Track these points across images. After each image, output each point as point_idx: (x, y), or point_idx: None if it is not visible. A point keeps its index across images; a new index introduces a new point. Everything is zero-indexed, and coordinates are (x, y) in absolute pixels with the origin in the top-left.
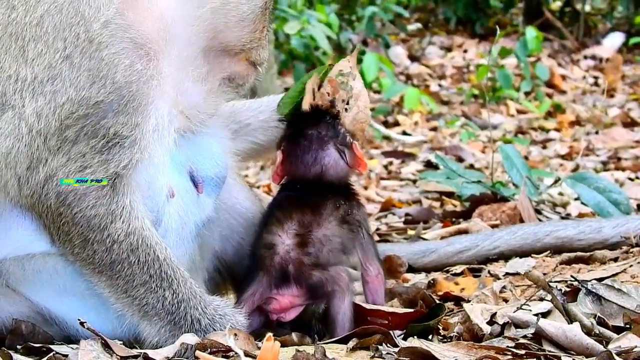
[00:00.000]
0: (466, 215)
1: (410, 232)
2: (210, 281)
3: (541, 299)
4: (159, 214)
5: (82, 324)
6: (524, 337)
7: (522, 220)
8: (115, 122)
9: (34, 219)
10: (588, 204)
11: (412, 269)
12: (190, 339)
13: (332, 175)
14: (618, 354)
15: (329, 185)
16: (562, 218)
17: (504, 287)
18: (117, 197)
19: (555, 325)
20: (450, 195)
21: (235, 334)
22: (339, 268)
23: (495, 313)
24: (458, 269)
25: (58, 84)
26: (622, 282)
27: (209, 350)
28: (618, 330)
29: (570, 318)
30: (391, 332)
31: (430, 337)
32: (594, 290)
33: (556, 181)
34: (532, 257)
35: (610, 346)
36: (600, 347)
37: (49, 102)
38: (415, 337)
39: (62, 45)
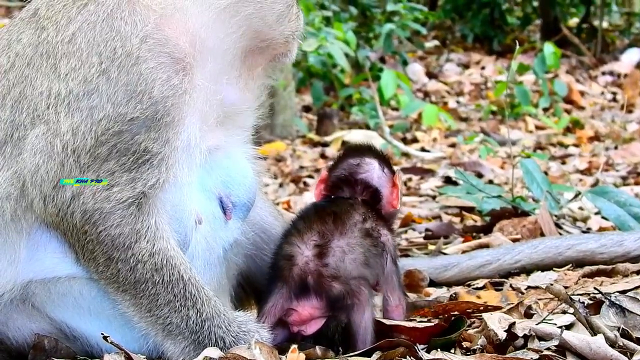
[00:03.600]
0: (487, 230)
1: (431, 247)
2: (234, 297)
3: (564, 312)
4: (186, 238)
5: (105, 338)
6: (548, 349)
7: (542, 234)
8: (147, 137)
9: (59, 238)
10: (609, 218)
11: (433, 283)
12: (214, 353)
13: (365, 179)
14: None
15: (366, 198)
16: (583, 232)
17: (526, 300)
18: (143, 217)
19: (579, 337)
20: (470, 210)
21: (259, 348)
22: (360, 281)
23: (514, 323)
24: (480, 283)
25: (95, 99)
26: None
27: None
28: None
29: (594, 330)
30: (415, 345)
31: (452, 350)
32: (617, 302)
33: (576, 195)
34: (554, 270)
35: (635, 358)
36: (624, 359)
37: (85, 118)
38: (438, 349)
39: (98, 60)
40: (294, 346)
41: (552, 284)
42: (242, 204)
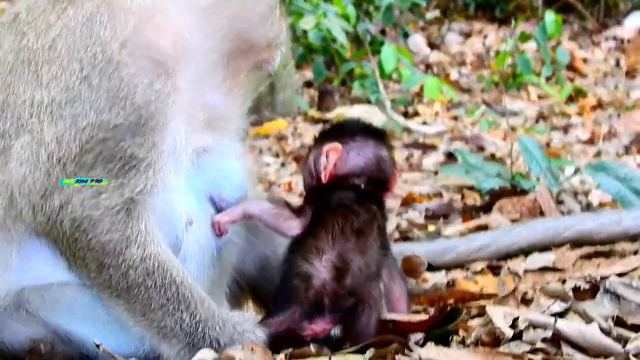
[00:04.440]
0: (486, 209)
1: (431, 228)
2: (229, 294)
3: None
4: (177, 241)
5: (97, 346)
6: (544, 339)
7: (542, 213)
8: (132, 143)
9: (50, 246)
10: (609, 193)
11: (431, 267)
12: (208, 355)
13: (379, 176)
14: (635, 355)
15: (372, 191)
16: (584, 208)
17: (523, 285)
18: (132, 222)
19: (573, 327)
20: (471, 188)
21: (252, 349)
22: (371, 287)
23: (518, 317)
24: (478, 266)
25: (78, 106)
26: None
27: None
28: (637, 328)
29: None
30: (410, 340)
31: (450, 339)
32: (611, 290)
33: (576, 171)
34: (552, 250)
35: (629, 346)
36: (618, 347)
37: (69, 126)
38: (433, 342)
39: (79, 66)
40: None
41: (548, 283)
42: (233, 203)
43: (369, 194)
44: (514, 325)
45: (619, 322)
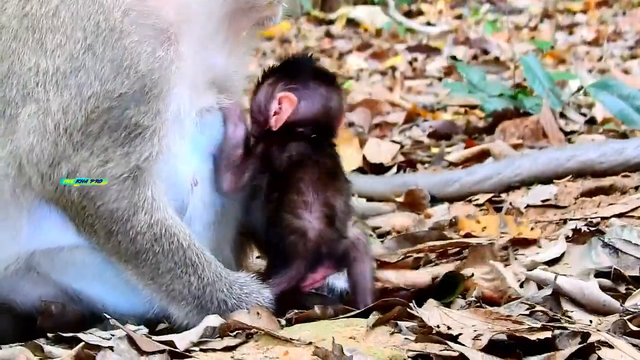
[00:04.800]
0: (489, 130)
1: (434, 150)
2: (234, 245)
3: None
4: (183, 204)
5: (107, 318)
6: (544, 298)
7: (545, 135)
8: (137, 111)
9: (59, 212)
10: (611, 112)
11: (434, 199)
12: (214, 320)
13: (333, 117)
14: (633, 312)
15: (328, 132)
16: (587, 122)
17: (524, 223)
18: (139, 189)
19: (572, 283)
20: (474, 107)
21: (258, 313)
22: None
23: (527, 279)
24: (480, 199)
25: (82, 76)
26: None
27: (234, 330)
28: (635, 281)
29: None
30: (412, 303)
31: (451, 299)
32: (611, 244)
33: (579, 89)
34: (554, 182)
35: (628, 303)
36: (617, 304)
37: (75, 96)
38: (435, 304)
39: (82, 35)
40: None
41: (550, 222)
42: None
43: (324, 137)
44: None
45: (617, 275)
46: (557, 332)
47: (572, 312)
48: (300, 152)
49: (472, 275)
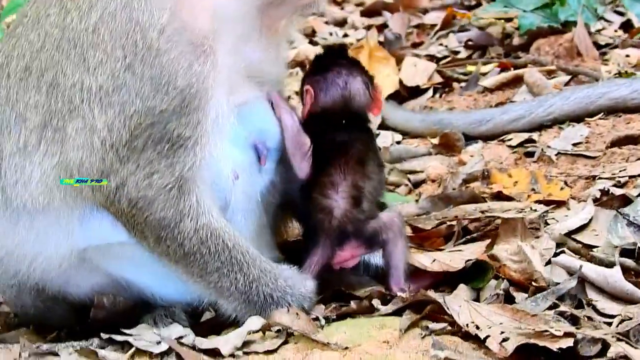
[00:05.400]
0: (525, 47)
1: (470, 68)
2: (273, 228)
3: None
4: (226, 200)
5: (159, 341)
6: (569, 293)
7: (579, 54)
8: (178, 124)
9: (111, 217)
10: None
11: (468, 137)
12: (257, 322)
13: (357, 104)
14: None
15: (354, 120)
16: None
17: (554, 181)
18: (184, 197)
19: (597, 271)
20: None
21: (297, 314)
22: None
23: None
24: (513, 139)
25: (124, 94)
26: None
27: (274, 330)
28: None
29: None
30: (443, 299)
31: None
32: (635, 222)
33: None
34: (585, 122)
35: None
36: (639, 293)
37: (118, 114)
38: (466, 302)
39: (122, 53)
40: None
41: (580, 177)
42: (276, 147)
43: (353, 123)
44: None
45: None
46: (579, 336)
47: (596, 301)
48: (331, 139)
49: (501, 263)
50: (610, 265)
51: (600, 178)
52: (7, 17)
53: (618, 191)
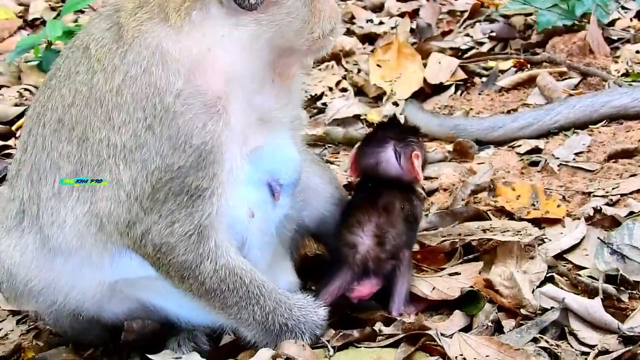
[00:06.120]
0: (542, 44)
1: (491, 63)
2: (291, 248)
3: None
4: (243, 238)
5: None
6: (553, 323)
7: (592, 52)
8: (196, 177)
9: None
10: None
11: (482, 143)
12: (267, 353)
13: (384, 172)
14: (627, 338)
15: (389, 182)
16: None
17: (553, 196)
18: (203, 242)
19: (578, 302)
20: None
21: (303, 346)
22: (403, 251)
23: (540, 284)
24: (522, 146)
25: (146, 152)
26: None
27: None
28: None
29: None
30: (436, 331)
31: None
32: (618, 250)
33: None
34: (588, 130)
35: (624, 326)
36: (616, 325)
37: (141, 170)
38: (458, 334)
39: (142, 115)
40: None
41: (577, 191)
42: (289, 183)
43: (388, 184)
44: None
45: (622, 280)
46: None
47: (578, 330)
48: (366, 193)
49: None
50: (594, 291)
51: (595, 195)
52: (66, 14)
53: (609, 210)
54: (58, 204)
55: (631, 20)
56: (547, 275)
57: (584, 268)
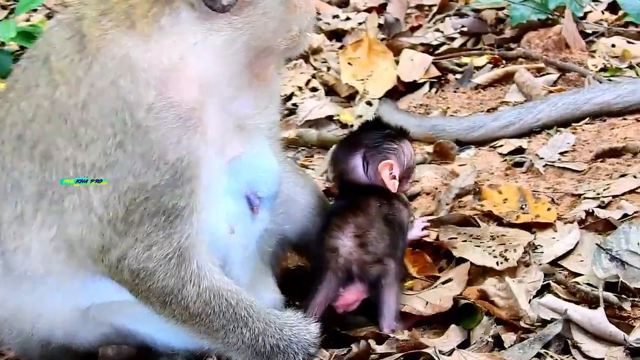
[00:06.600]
0: (516, 39)
1: (465, 60)
2: (272, 259)
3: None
4: (224, 255)
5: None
6: (557, 336)
7: (567, 46)
8: (172, 196)
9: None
10: (630, 14)
11: (462, 143)
12: None
13: (352, 178)
14: (635, 350)
15: (365, 187)
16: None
17: (542, 199)
18: (185, 265)
19: (581, 313)
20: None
21: None
22: (389, 261)
23: (537, 293)
24: (504, 146)
25: (117, 172)
26: None
27: None
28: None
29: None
30: (434, 350)
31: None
32: (617, 257)
33: None
34: (572, 128)
35: (631, 337)
36: (621, 336)
37: (112, 191)
38: (455, 335)
39: (112, 131)
40: None
41: (565, 195)
42: (268, 196)
43: (367, 188)
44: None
45: (623, 287)
46: None
47: (582, 343)
48: (345, 198)
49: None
50: (594, 300)
51: (585, 197)
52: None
53: (602, 213)
54: (21, 229)
55: (603, 12)
56: (544, 284)
57: (580, 275)
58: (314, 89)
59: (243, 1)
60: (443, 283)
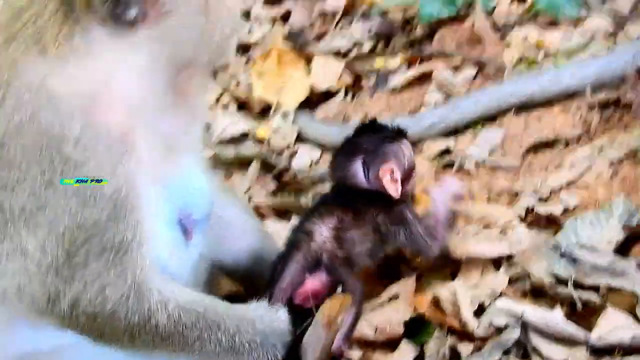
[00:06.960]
0: (428, 37)
1: (379, 62)
2: (204, 289)
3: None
4: (180, 267)
5: None
6: (514, 349)
7: (481, 40)
8: (116, 230)
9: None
10: (539, 3)
11: None
12: None
13: (352, 184)
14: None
15: (365, 192)
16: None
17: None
18: (145, 298)
19: (537, 315)
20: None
21: None
22: (356, 280)
23: (483, 303)
24: (431, 147)
25: (50, 213)
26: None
27: None
28: (594, 289)
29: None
30: None
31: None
32: (568, 253)
33: None
34: (498, 125)
35: (592, 336)
36: (582, 336)
37: (48, 233)
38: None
39: (38, 169)
40: None
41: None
42: (202, 218)
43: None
44: (480, 309)
45: (576, 284)
46: None
47: (542, 347)
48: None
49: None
50: (548, 299)
51: (524, 196)
52: None
53: (543, 209)
54: None
55: (511, 2)
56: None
57: (531, 274)
58: (225, 106)
59: (156, 12)
60: (389, 300)
